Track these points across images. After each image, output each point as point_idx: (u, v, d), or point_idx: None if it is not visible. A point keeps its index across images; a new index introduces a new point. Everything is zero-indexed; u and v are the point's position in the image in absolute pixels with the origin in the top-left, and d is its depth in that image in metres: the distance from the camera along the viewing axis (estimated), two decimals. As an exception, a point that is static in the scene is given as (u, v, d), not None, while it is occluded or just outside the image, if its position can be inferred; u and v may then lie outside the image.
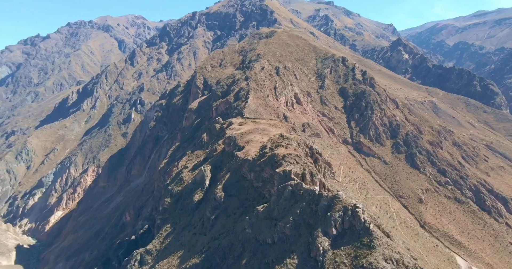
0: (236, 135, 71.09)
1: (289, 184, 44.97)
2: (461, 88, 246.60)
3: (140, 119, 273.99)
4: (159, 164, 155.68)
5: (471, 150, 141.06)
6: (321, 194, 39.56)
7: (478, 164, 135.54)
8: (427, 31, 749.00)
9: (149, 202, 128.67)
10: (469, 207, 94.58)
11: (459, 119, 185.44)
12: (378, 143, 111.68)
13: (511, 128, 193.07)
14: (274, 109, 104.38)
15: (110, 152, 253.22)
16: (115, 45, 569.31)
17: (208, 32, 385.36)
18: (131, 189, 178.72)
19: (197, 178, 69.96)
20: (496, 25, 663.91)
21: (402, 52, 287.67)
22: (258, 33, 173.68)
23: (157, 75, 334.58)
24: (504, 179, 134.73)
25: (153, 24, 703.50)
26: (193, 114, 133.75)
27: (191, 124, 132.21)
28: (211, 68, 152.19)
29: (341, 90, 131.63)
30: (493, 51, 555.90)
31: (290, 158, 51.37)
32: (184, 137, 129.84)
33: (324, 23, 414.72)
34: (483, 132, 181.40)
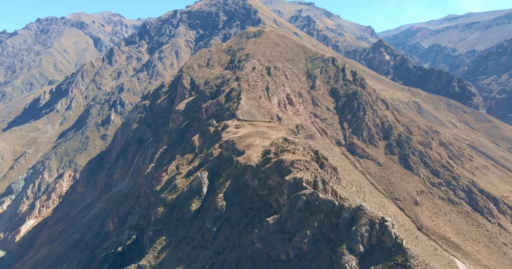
0: (235, 138, 66.90)
1: (303, 193, 41.48)
2: (441, 89, 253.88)
3: (121, 121, 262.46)
4: (144, 168, 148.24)
5: (456, 149, 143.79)
6: (342, 206, 36.31)
7: (464, 164, 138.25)
8: (403, 34, 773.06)
9: (135, 209, 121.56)
10: (462, 208, 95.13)
11: (442, 120, 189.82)
12: (371, 144, 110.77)
13: (490, 128, 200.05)
14: (267, 111, 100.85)
15: (88, 155, 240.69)
16: (90, 43, 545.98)
17: (190, 31, 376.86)
18: (113, 194, 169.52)
19: (193, 185, 65.17)
20: (467, 28, 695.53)
21: (383, 54, 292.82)
22: (245, 32, 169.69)
23: (138, 75, 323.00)
24: (489, 178, 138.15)
25: (131, 22, 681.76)
26: (181, 116, 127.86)
27: (178, 126, 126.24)
28: (198, 68, 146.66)
29: (332, 90, 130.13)
30: (465, 53, 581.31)
31: (300, 164, 47.98)
32: (171, 140, 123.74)
33: (307, 24, 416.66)
34: (464, 132, 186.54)
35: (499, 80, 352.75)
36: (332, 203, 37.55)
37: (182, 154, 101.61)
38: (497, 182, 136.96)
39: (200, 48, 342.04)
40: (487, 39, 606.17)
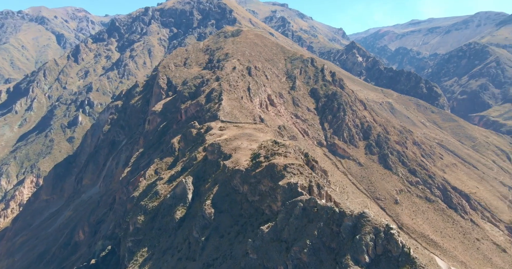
0: (220, 141, 63.93)
1: (299, 199, 39.64)
2: (410, 90, 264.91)
3: (90, 123, 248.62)
4: (118, 173, 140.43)
5: (428, 148, 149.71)
6: (343, 213, 34.85)
7: (435, 162, 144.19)
8: (371, 37, 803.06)
9: (109, 216, 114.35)
10: (438, 206, 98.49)
11: (413, 119, 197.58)
12: (352, 145, 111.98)
13: (455, 127, 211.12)
14: (249, 112, 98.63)
15: (53, 160, 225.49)
16: (52, 40, 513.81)
17: (163, 29, 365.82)
18: (83, 201, 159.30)
19: (177, 191, 61.40)
20: (429, 33, 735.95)
21: (356, 55, 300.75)
22: (223, 31, 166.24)
23: (108, 74, 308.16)
24: (457, 175, 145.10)
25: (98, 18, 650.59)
26: (158, 117, 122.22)
27: (155, 128, 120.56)
28: (175, 68, 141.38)
29: (312, 91, 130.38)
30: (428, 56, 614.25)
31: (293, 168, 46.17)
32: (148, 142, 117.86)
33: (281, 24, 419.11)
34: (433, 131, 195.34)
35: (460, 82, 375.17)
36: (332, 209, 36.00)
37: (160, 157, 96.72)
38: (465, 179, 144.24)
39: (174, 47, 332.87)
40: (447, 43, 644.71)
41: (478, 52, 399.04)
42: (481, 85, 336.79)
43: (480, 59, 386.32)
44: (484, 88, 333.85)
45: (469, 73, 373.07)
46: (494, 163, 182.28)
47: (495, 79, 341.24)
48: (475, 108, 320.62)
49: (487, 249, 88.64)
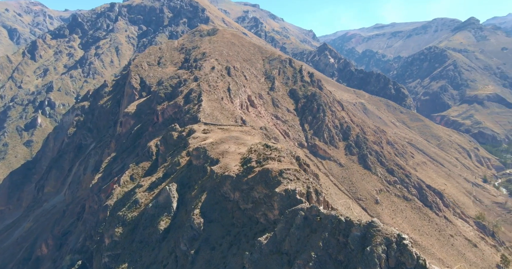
0: (206, 145, 60.31)
1: (300, 207, 37.51)
2: (379, 91, 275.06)
3: (51, 125, 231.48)
4: (87, 179, 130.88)
5: (401, 148, 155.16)
6: (350, 222, 33.16)
7: (407, 161, 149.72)
8: (340, 39, 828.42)
9: (78, 228, 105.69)
10: (415, 204, 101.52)
11: (384, 120, 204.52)
12: (332, 145, 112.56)
13: (422, 127, 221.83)
14: (231, 113, 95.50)
15: (8, 166, 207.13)
16: (4, 35, 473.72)
17: (131, 27, 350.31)
18: (45, 211, 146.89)
19: (160, 199, 56.96)
20: (392, 37, 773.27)
21: (328, 57, 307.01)
22: (198, 30, 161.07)
23: (71, 73, 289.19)
24: (428, 173, 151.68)
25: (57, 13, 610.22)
26: (131, 119, 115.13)
27: (129, 130, 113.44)
28: (148, 67, 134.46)
29: (291, 92, 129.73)
30: (392, 59, 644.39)
31: (289, 173, 44.00)
32: (121, 146, 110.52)
33: (254, 25, 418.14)
34: (403, 131, 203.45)
35: (423, 83, 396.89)
36: (336, 218, 34.20)
37: (136, 162, 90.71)
38: (435, 176, 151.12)
39: (144, 45, 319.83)
40: (409, 46, 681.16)
41: (437, 56, 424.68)
42: (441, 86, 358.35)
43: (439, 62, 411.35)
44: (444, 89, 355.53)
45: (431, 75, 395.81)
46: (457, 160, 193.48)
47: (453, 81, 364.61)
48: (436, 108, 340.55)
49: (460, 244, 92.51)
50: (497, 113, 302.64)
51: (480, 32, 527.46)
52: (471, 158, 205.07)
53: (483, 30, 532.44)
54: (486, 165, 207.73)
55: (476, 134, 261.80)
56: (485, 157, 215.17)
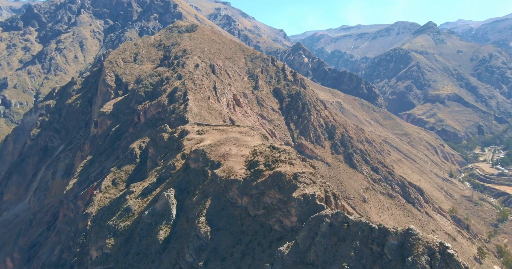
0: (204, 147, 56.91)
1: (324, 214, 35.88)
2: (352, 90, 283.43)
3: (7, 126, 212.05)
4: (56, 184, 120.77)
5: (378, 146, 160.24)
6: (385, 230, 31.99)
7: (385, 158, 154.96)
8: (309, 39, 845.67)
9: (51, 238, 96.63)
10: (399, 201, 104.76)
11: (360, 118, 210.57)
12: (318, 145, 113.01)
13: (393, 125, 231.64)
14: (218, 113, 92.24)
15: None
16: None
17: (96, 21, 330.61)
18: (6, 221, 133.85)
19: (158, 207, 52.77)
20: (359, 38, 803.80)
21: (302, 56, 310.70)
22: (175, 26, 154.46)
23: (28, 68, 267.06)
24: (403, 169, 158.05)
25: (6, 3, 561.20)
26: (108, 119, 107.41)
27: (106, 131, 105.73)
28: (124, 64, 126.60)
29: (275, 91, 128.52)
30: (359, 59, 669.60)
31: (305, 177, 42.29)
32: (97, 148, 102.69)
33: (227, 22, 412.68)
34: (377, 129, 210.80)
35: (390, 83, 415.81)
36: (367, 226, 32.90)
37: (118, 165, 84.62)
38: (410, 173, 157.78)
39: (111, 40, 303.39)
40: (375, 48, 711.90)
41: (402, 57, 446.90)
42: (407, 86, 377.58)
43: (404, 63, 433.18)
44: (409, 89, 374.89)
45: (397, 75, 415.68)
46: (427, 157, 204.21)
47: (417, 81, 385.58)
48: (403, 107, 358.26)
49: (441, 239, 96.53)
50: (456, 112, 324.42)
51: (438, 36, 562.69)
52: (438, 154, 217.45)
53: (440, 34, 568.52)
54: (451, 160, 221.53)
55: (440, 131, 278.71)
56: (450, 153, 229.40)
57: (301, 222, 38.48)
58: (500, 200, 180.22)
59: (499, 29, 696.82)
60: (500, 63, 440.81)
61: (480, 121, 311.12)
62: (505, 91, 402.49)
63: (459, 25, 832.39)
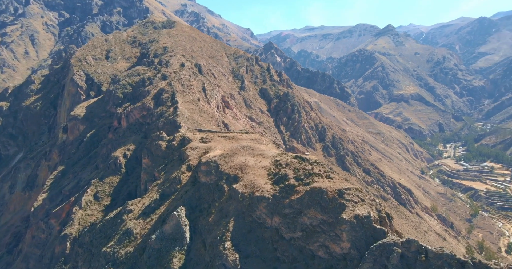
0: (216, 158, 50.12)
1: (392, 242, 31.28)
2: (325, 90, 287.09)
3: None
4: (16, 199, 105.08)
5: (360, 146, 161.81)
6: (482, 264, 27.93)
7: (367, 158, 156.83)
8: (275, 38, 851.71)
9: (15, 265, 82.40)
10: (392, 203, 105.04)
11: (337, 118, 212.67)
12: (310, 147, 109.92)
13: (367, 124, 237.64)
14: (211, 116, 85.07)
15: None
16: None
17: (49, 13, 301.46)
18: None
19: (167, 229, 45.14)
20: (323, 39, 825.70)
21: (275, 55, 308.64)
22: (150, 21, 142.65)
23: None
24: (384, 169, 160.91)
25: None
26: (80, 124, 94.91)
27: (78, 137, 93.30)
28: (95, 61, 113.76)
29: (261, 91, 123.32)
30: (325, 59, 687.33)
31: (351, 194, 37.69)
32: (69, 157, 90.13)
33: (195, 19, 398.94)
34: (354, 128, 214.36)
35: (357, 83, 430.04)
36: (454, 258, 28.66)
37: (100, 176, 74.28)
38: (390, 172, 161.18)
39: (69, 35, 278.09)
40: (339, 48, 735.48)
41: (367, 58, 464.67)
42: (373, 86, 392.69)
43: (370, 64, 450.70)
44: (376, 89, 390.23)
45: (363, 75, 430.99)
46: (400, 155, 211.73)
47: (382, 82, 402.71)
48: (370, 106, 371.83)
49: (434, 240, 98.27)
50: (419, 111, 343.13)
51: (397, 38, 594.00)
52: (409, 152, 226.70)
53: (399, 36, 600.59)
54: (420, 158, 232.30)
55: (406, 130, 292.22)
56: (419, 150, 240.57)
57: (356, 249, 33.76)
58: (468, 195, 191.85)
59: (446, 33, 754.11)
60: (452, 65, 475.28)
61: (440, 120, 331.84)
62: (457, 91, 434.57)
63: (411, 29, 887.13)
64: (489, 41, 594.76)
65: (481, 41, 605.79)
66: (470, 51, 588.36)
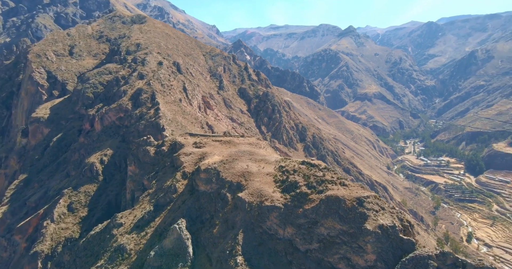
0: (216, 165, 46.71)
1: (426, 255, 30.36)
2: (295, 89, 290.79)
3: None
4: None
5: (334, 144, 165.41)
6: None
7: (346, 157, 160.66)
8: (240, 36, 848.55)
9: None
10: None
11: (310, 117, 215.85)
12: (292, 147, 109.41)
13: (337, 122, 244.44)
14: (194, 118, 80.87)
15: None
16: None
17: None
18: None
19: (167, 244, 41.00)
20: (288, 38, 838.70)
21: (245, 53, 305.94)
22: (117, 15, 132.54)
23: None
24: (360, 167, 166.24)
25: None
26: (44, 127, 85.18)
27: (42, 142, 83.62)
28: (57, 58, 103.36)
29: (240, 91, 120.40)
30: (291, 58, 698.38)
31: (371, 202, 36.58)
32: (32, 164, 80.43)
33: (159, 14, 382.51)
34: (326, 127, 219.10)
35: (324, 82, 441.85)
36: None
37: (74, 185, 67.04)
38: (362, 169, 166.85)
39: (16, 26, 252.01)
40: (304, 47, 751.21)
41: (332, 57, 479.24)
42: (339, 85, 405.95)
43: (335, 63, 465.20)
44: (341, 88, 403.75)
45: (329, 74, 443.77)
46: (368, 152, 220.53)
47: (347, 81, 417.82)
48: (337, 105, 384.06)
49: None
50: (381, 109, 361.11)
51: (358, 39, 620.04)
52: (375, 149, 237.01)
53: (360, 37, 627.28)
54: (386, 154, 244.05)
55: (371, 127, 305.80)
56: (384, 147, 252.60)
57: (383, 261, 32.74)
58: (429, 188, 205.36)
59: (400, 36, 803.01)
60: (408, 65, 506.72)
61: (400, 117, 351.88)
62: (413, 90, 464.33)
63: (368, 31, 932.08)
64: (436, 44, 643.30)
65: (430, 44, 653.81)
66: (421, 53, 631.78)
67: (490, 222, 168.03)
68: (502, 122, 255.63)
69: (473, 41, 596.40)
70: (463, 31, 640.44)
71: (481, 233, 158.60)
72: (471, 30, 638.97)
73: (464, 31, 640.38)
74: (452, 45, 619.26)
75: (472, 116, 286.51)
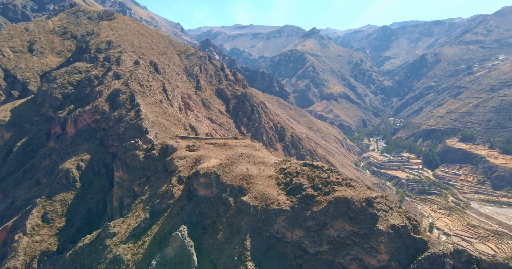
0: (215, 168, 44.97)
1: (442, 253, 31.24)
2: (265, 89, 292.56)
3: None
4: None
5: (307, 143, 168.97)
6: None
7: (324, 156, 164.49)
8: (205, 35, 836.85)
9: None
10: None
11: (282, 116, 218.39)
12: (272, 148, 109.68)
13: (307, 121, 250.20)
14: (177, 119, 77.96)
15: None
16: None
17: None
18: None
19: (169, 252, 38.54)
20: (254, 37, 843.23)
21: (213, 53, 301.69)
22: (81, 10, 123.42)
23: None
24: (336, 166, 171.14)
25: None
26: (5, 131, 76.82)
27: (3, 147, 75.29)
28: (15, 55, 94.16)
29: (218, 91, 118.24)
30: (258, 58, 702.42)
31: (380, 203, 37.18)
32: (-5, 174, 72.09)
33: (121, 10, 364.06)
34: (297, 126, 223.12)
35: (291, 82, 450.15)
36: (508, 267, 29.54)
37: (47, 194, 61.28)
38: (338, 167, 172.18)
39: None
40: (270, 47, 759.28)
41: (299, 58, 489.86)
42: (306, 85, 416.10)
43: (301, 63, 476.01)
44: (308, 88, 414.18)
45: (296, 74, 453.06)
46: (337, 150, 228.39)
47: (314, 81, 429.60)
48: (304, 104, 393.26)
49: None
50: (346, 108, 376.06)
51: (322, 41, 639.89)
52: (343, 147, 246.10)
53: (323, 39, 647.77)
54: (353, 151, 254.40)
55: (338, 126, 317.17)
56: (351, 145, 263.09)
57: (397, 261, 33.55)
58: (393, 183, 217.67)
59: (358, 38, 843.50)
60: (368, 67, 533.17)
61: (363, 116, 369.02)
62: (373, 91, 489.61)
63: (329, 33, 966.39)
64: (391, 47, 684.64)
65: (385, 46, 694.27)
66: (378, 55, 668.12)
67: (447, 212, 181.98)
68: (452, 120, 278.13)
69: (422, 45, 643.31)
70: (414, 36, 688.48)
71: (440, 223, 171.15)
72: (420, 35, 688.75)
73: (414, 36, 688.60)
74: (405, 48, 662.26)
75: (427, 114, 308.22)
